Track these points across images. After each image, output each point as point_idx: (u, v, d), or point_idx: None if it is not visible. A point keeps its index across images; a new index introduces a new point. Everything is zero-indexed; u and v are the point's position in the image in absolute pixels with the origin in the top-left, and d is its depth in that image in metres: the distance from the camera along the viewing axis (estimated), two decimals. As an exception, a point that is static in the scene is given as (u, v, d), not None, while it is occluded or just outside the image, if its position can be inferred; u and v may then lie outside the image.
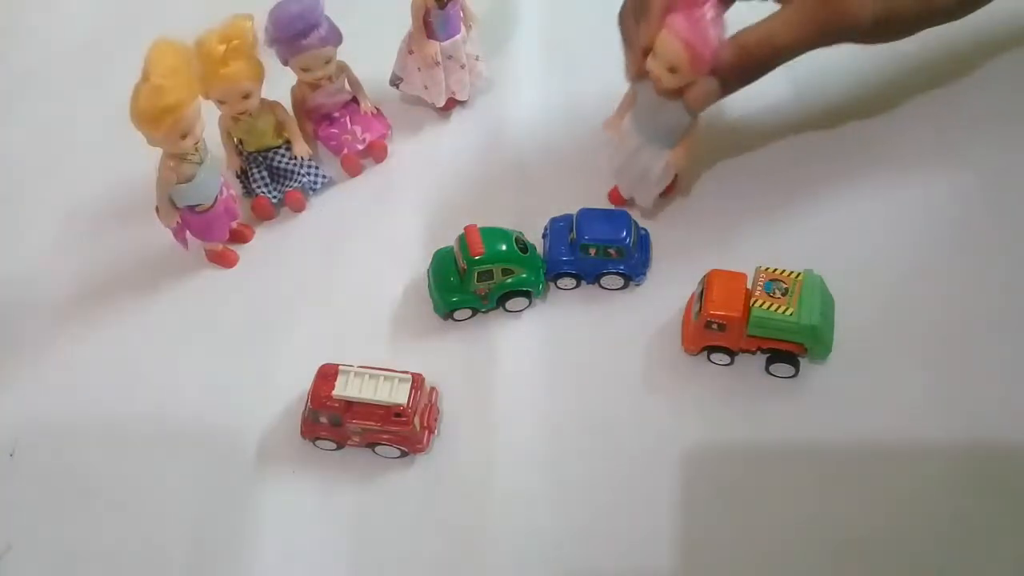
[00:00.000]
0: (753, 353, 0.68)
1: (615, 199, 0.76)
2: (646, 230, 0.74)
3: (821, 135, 0.80)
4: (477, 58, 0.81)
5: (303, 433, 0.66)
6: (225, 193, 0.73)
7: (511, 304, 0.71)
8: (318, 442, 0.66)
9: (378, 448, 0.65)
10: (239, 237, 0.76)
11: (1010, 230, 0.73)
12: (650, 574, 0.61)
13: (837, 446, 0.65)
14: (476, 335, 0.71)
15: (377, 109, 0.81)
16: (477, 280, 0.69)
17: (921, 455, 0.64)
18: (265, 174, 0.77)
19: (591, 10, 0.72)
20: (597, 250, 0.70)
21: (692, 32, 0.61)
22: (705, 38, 0.61)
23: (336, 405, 0.64)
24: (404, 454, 0.65)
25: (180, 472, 0.66)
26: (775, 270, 0.67)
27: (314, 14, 0.72)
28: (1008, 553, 0.61)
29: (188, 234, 0.73)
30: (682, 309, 0.70)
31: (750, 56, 0.65)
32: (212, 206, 0.72)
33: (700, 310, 0.66)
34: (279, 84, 0.76)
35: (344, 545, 0.63)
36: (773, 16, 0.66)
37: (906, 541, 0.61)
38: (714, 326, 0.66)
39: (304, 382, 0.66)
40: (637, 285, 0.72)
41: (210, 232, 0.73)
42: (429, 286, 0.72)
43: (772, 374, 0.68)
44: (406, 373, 0.64)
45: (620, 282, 0.72)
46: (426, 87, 0.81)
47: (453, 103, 0.83)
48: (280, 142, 0.77)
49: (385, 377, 0.64)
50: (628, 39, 0.69)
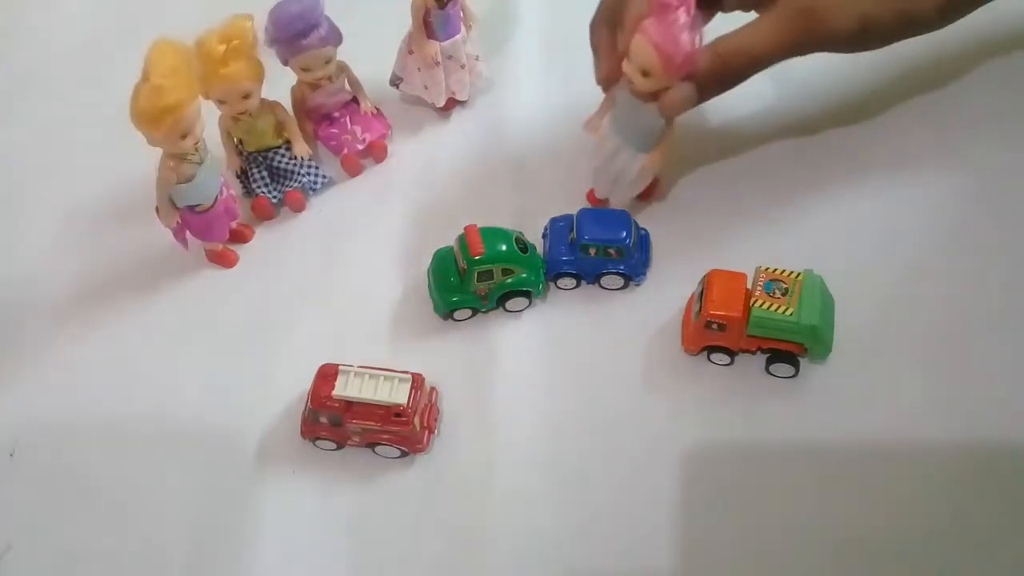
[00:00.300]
0: (753, 353, 0.68)
1: (592, 200, 0.76)
2: (646, 230, 0.74)
3: (821, 135, 0.80)
4: (477, 58, 0.81)
5: (303, 433, 0.66)
6: (225, 193, 0.73)
7: (511, 304, 0.71)
8: (318, 442, 0.66)
9: (378, 448, 0.65)
10: (239, 237, 0.76)
11: (1010, 230, 0.73)
12: (650, 574, 0.61)
13: (837, 446, 0.65)
14: (476, 335, 0.71)
15: (377, 109, 0.81)
16: (477, 280, 0.69)
17: (921, 455, 0.64)
18: (265, 174, 0.77)
19: (591, 10, 0.72)
20: (597, 250, 0.70)
21: (663, 36, 0.62)
22: (676, 42, 0.62)
23: (336, 405, 0.64)
24: (404, 454, 0.65)
25: (180, 472, 0.66)
26: (775, 270, 0.67)
27: (314, 14, 0.72)
28: (1008, 553, 0.61)
29: (188, 234, 0.73)
30: (682, 309, 0.70)
31: (726, 64, 0.65)
32: (212, 206, 0.72)
33: (700, 310, 0.66)
34: (279, 84, 0.76)
35: (344, 545, 0.63)
36: (751, 24, 0.66)
37: (906, 541, 0.61)
38: (714, 326, 0.66)
39: (304, 382, 0.66)
40: (637, 285, 0.72)
41: (210, 232, 0.73)
42: (429, 286, 0.72)
43: (772, 374, 0.68)
44: (406, 373, 0.64)
45: (620, 282, 0.72)
46: (426, 87, 0.81)
47: (453, 103, 0.83)
48: (280, 142, 0.77)
49: (385, 377, 0.64)
50: (597, 46, 0.70)
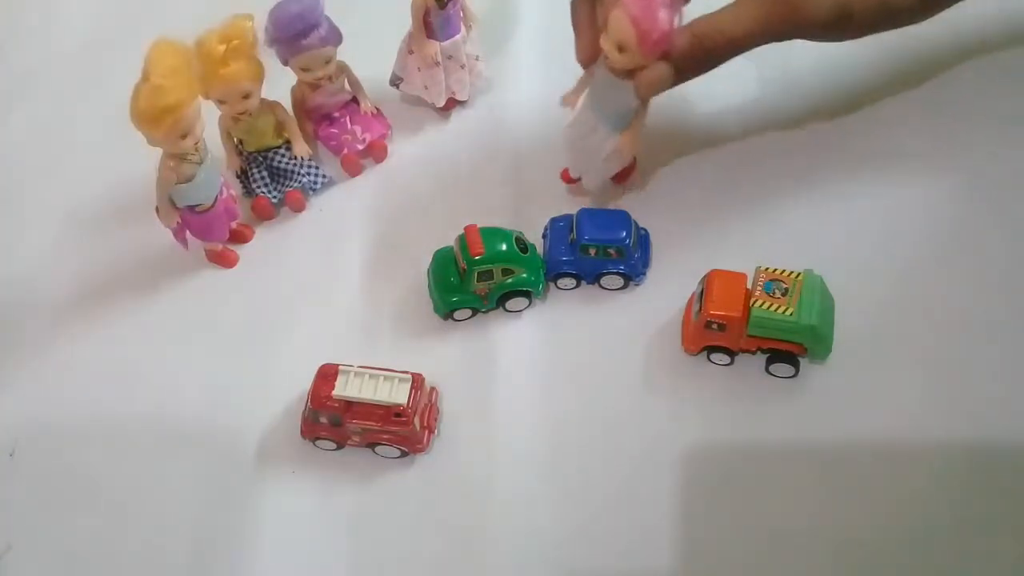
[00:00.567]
0: (753, 353, 0.68)
1: (565, 178, 0.76)
2: (646, 230, 0.74)
3: (822, 135, 0.79)
4: (477, 58, 0.81)
5: (303, 433, 0.66)
6: (225, 193, 0.73)
7: (511, 304, 0.71)
8: (318, 442, 0.66)
9: (378, 448, 0.65)
10: (239, 237, 0.76)
11: (1010, 230, 0.73)
12: (650, 574, 0.61)
13: (837, 446, 0.65)
14: (476, 335, 0.71)
15: (377, 109, 0.81)
16: (477, 280, 0.69)
17: (921, 455, 0.64)
18: (265, 174, 0.77)
19: (591, 10, 0.72)
20: (597, 250, 0.70)
21: (641, 10, 0.61)
22: (653, 18, 0.61)
23: (336, 405, 0.64)
24: (404, 454, 0.65)
25: (180, 472, 0.66)
26: (775, 270, 0.67)
27: (314, 14, 0.72)
28: (1008, 553, 0.61)
29: (188, 234, 0.73)
30: (682, 309, 0.70)
31: (702, 45, 0.65)
32: (212, 206, 0.72)
33: (700, 310, 0.66)
34: (279, 84, 0.76)
35: (344, 545, 0.63)
36: (730, 6, 0.66)
37: (906, 541, 0.61)
38: (714, 326, 0.66)
39: (304, 382, 0.66)
40: (637, 285, 0.72)
41: (210, 232, 0.73)
42: (429, 286, 0.72)
43: (772, 374, 0.68)
44: (406, 373, 0.64)
45: (620, 282, 0.72)
46: (426, 87, 0.81)
47: (453, 103, 0.83)
48: (280, 142, 0.77)
49: (385, 377, 0.64)
50: (577, 24, 0.70)
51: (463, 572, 0.62)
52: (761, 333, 0.66)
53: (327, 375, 0.65)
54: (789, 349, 0.66)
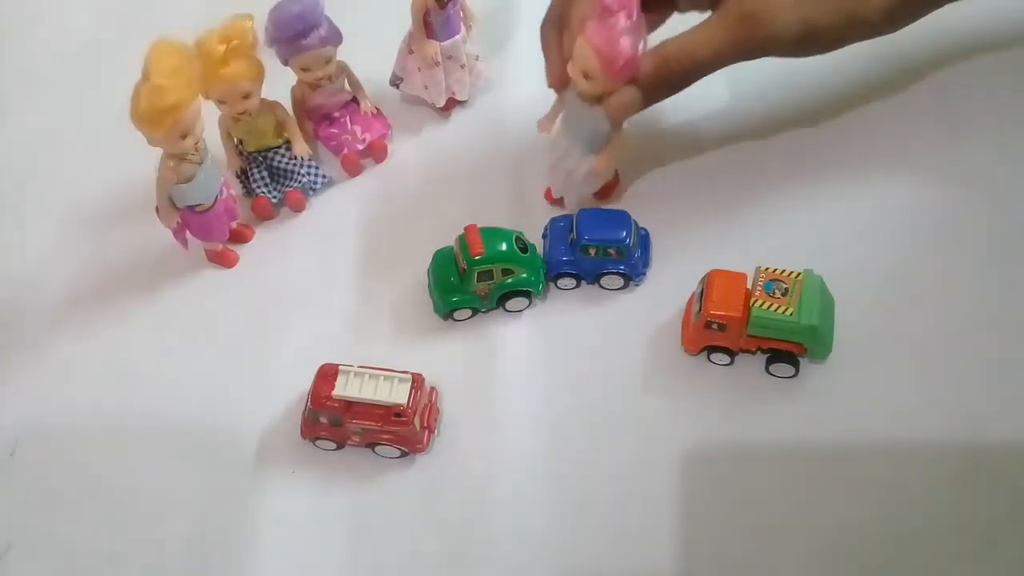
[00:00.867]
0: (753, 353, 0.68)
1: (548, 198, 0.77)
2: (646, 230, 0.74)
3: (822, 135, 0.79)
4: (477, 58, 0.81)
5: (303, 433, 0.66)
6: (225, 193, 0.73)
7: (511, 304, 0.71)
8: (318, 442, 0.66)
9: (378, 448, 0.65)
10: (239, 237, 0.76)
11: (1010, 230, 0.73)
12: (650, 574, 0.61)
13: (837, 446, 0.65)
14: (476, 335, 0.71)
15: (377, 109, 0.81)
16: (477, 280, 0.69)
17: (921, 455, 0.64)
18: (265, 174, 0.77)
19: (591, 10, 0.72)
20: (597, 250, 0.70)
21: (603, 39, 0.62)
22: (615, 45, 0.62)
23: (336, 405, 0.64)
24: (404, 454, 0.65)
25: (180, 472, 0.66)
26: (775, 270, 0.67)
27: (314, 14, 0.72)
28: (1008, 553, 0.61)
29: (188, 234, 0.73)
30: (682, 309, 0.70)
31: (669, 68, 0.65)
32: (212, 206, 0.72)
33: (700, 310, 0.66)
34: (279, 84, 0.76)
35: (344, 545, 0.63)
36: (695, 29, 0.66)
37: (906, 541, 0.61)
38: (714, 326, 0.66)
39: (304, 382, 0.66)
40: (637, 285, 0.72)
41: (210, 232, 0.73)
42: (429, 286, 0.72)
43: (772, 374, 0.68)
44: (406, 373, 0.64)
45: (620, 282, 0.72)
46: (426, 87, 0.81)
47: (453, 103, 0.83)
48: (280, 142, 0.77)
49: (385, 377, 0.64)
50: (546, 50, 0.70)
51: (463, 572, 0.62)
52: (761, 333, 0.66)
53: (327, 375, 0.65)
54: (789, 349, 0.66)
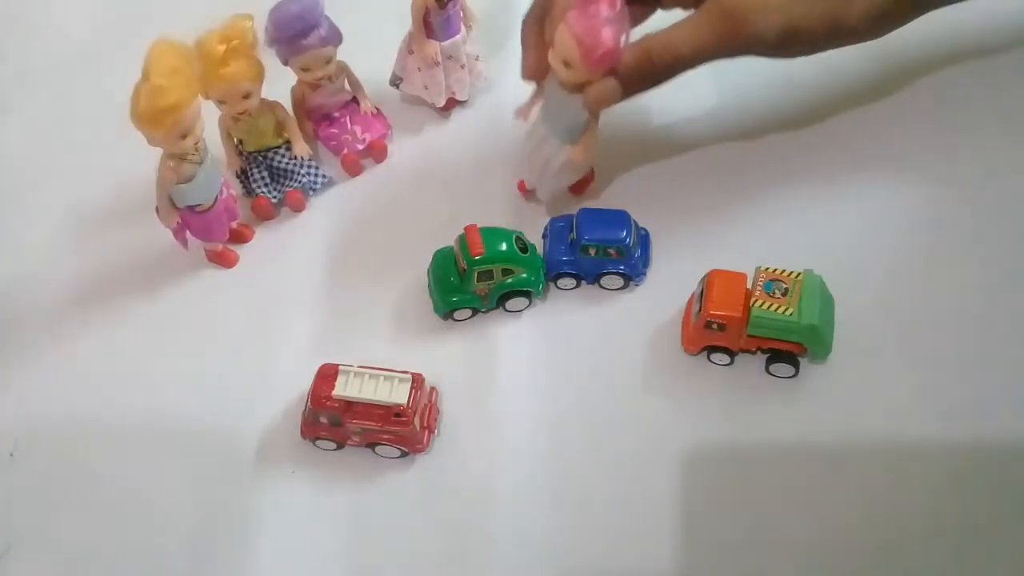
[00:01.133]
0: (753, 353, 0.68)
1: (521, 190, 0.77)
2: (646, 230, 0.74)
3: (822, 134, 0.79)
4: (477, 58, 0.81)
5: (303, 433, 0.66)
6: (225, 193, 0.73)
7: (511, 304, 0.71)
8: (318, 442, 0.66)
9: (378, 448, 0.65)
10: (239, 237, 0.76)
11: (1011, 230, 0.73)
12: (650, 574, 0.61)
13: (837, 446, 0.65)
14: (476, 335, 0.71)
15: (377, 109, 0.81)
16: (477, 280, 0.69)
17: (920, 455, 0.64)
18: (265, 174, 0.77)
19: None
20: (597, 250, 0.70)
21: (584, 28, 0.62)
22: (596, 35, 0.62)
23: (336, 405, 0.64)
24: (404, 454, 0.65)
25: (180, 472, 0.66)
26: (775, 270, 0.67)
27: (314, 14, 0.72)
28: (1008, 553, 0.61)
29: (188, 234, 0.73)
30: (682, 309, 0.70)
31: (650, 61, 0.65)
32: (212, 206, 0.72)
33: (700, 310, 0.66)
34: (279, 84, 0.76)
35: (344, 545, 0.63)
36: (679, 23, 0.66)
37: (906, 541, 0.61)
38: (714, 326, 0.66)
39: (304, 382, 0.66)
40: (637, 285, 0.72)
41: (210, 232, 0.73)
42: (429, 286, 0.72)
43: (772, 374, 0.68)
44: (406, 373, 0.64)
45: (620, 282, 0.72)
46: (426, 87, 0.81)
47: (453, 103, 0.83)
48: (280, 142, 0.77)
49: (385, 377, 0.64)
50: (525, 41, 0.70)
51: (463, 572, 0.62)
52: (761, 333, 0.66)
53: (327, 375, 0.65)
54: (789, 349, 0.66)
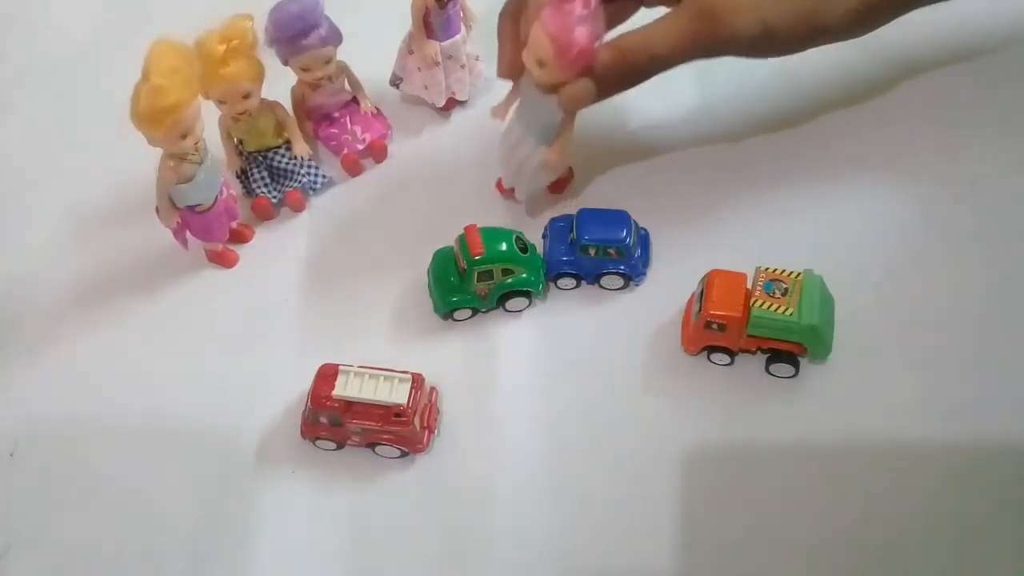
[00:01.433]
0: (753, 353, 0.68)
1: (500, 189, 0.77)
2: (646, 230, 0.74)
3: (822, 134, 0.79)
4: (477, 58, 0.81)
5: (303, 433, 0.66)
6: (225, 193, 0.73)
7: (511, 304, 0.71)
8: (318, 442, 0.66)
9: (378, 448, 0.65)
10: (239, 237, 0.76)
11: (1010, 230, 0.73)
12: (650, 574, 0.61)
13: (837, 446, 0.65)
14: (476, 335, 0.71)
15: (377, 109, 0.81)
16: (477, 280, 0.69)
17: (920, 455, 0.64)
18: (265, 174, 0.77)
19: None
20: (597, 250, 0.70)
21: (558, 27, 0.61)
22: (570, 35, 0.61)
23: (336, 405, 0.64)
24: (404, 454, 0.65)
25: (180, 472, 0.66)
26: (775, 270, 0.67)
27: (314, 14, 0.72)
28: (1008, 553, 0.61)
29: (188, 234, 0.73)
30: (682, 309, 0.70)
31: (626, 61, 0.64)
32: (212, 206, 0.72)
33: (700, 310, 0.66)
34: (279, 84, 0.76)
35: (344, 545, 0.63)
36: (654, 23, 0.65)
37: (906, 541, 0.61)
38: (714, 326, 0.66)
39: (304, 382, 0.66)
40: (637, 285, 0.72)
41: (210, 232, 0.73)
42: (429, 286, 0.72)
43: (772, 374, 0.68)
44: (406, 373, 0.64)
45: (620, 282, 0.72)
46: (426, 87, 0.81)
47: (453, 103, 0.83)
48: (280, 142, 0.77)
49: (385, 377, 0.64)
50: (500, 39, 0.70)
51: (463, 572, 0.62)
52: (761, 333, 0.66)
53: (327, 375, 0.65)
54: (789, 349, 0.66)
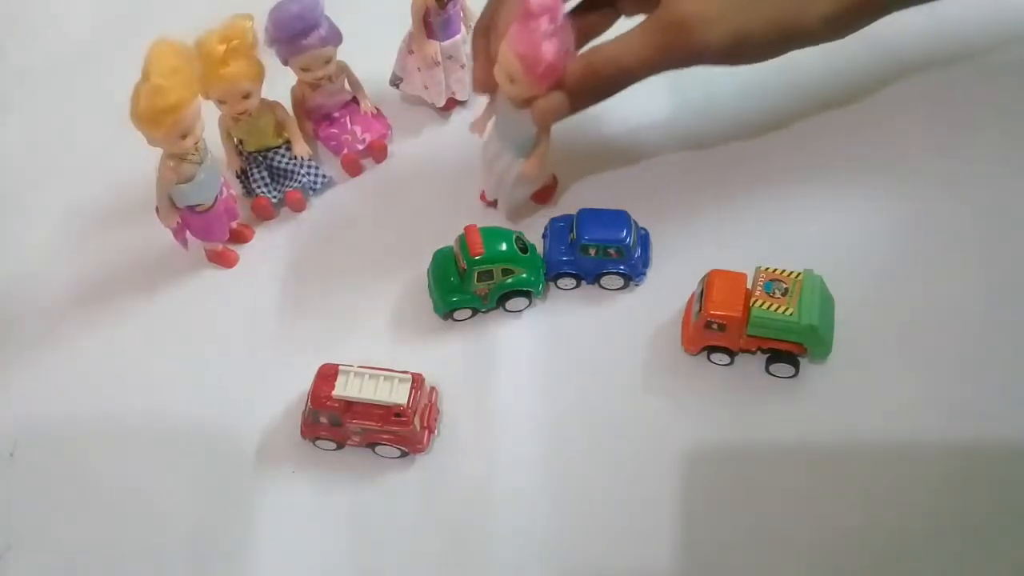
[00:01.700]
0: (753, 353, 0.68)
1: (483, 200, 0.77)
2: (646, 230, 0.74)
3: (822, 135, 0.79)
4: (477, 58, 0.81)
5: (303, 433, 0.66)
6: (225, 193, 0.73)
7: (511, 304, 0.71)
8: (318, 442, 0.66)
9: (378, 448, 0.65)
10: (239, 237, 0.76)
11: (1010, 230, 0.73)
12: (650, 574, 0.61)
13: (837, 446, 0.65)
14: (476, 335, 0.71)
15: (377, 109, 0.81)
16: (477, 280, 0.69)
17: (921, 455, 0.64)
18: (265, 174, 0.77)
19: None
20: (597, 250, 0.70)
21: (524, 43, 0.62)
22: (537, 50, 0.61)
23: (336, 405, 0.64)
24: (404, 454, 0.65)
25: (180, 472, 0.66)
26: (775, 270, 0.67)
27: (314, 14, 0.72)
28: (1008, 553, 0.61)
29: (188, 234, 0.73)
30: (682, 309, 0.70)
31: (596, 74, 0.64)
32: (212, 206, 0.72)
33: (700, 310, 0.66)
34: (279, 84, 0.76)
35: (344, 545, 0.63)
36: (625, 35, 0.65)
37: (906, 541, 0.61)
38: (714, 326, 0.66)
39: (304, 382, 0.66)
40: (637, 285, 0.72)
41: (210, 232, 0.73)
42: (429, 286, 0.72)
43: (772, 374, 0.68)
44: (406, 373, 0.64)
45: (620, 282, 0.72)
46: (426, 87, 0.81)
47: (453, 103, 0.83)
48: (280, 142, 0.77)
49: (385, 377, 0.64)
50: (476, 53, 0.70)
51: (463, 572, 0.62)
52: (761, 333, 0.66)
53: (327, 375, 0.65)
54: (789, 349, 0.66)
